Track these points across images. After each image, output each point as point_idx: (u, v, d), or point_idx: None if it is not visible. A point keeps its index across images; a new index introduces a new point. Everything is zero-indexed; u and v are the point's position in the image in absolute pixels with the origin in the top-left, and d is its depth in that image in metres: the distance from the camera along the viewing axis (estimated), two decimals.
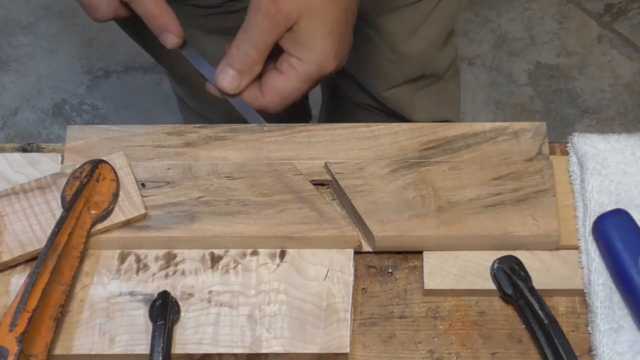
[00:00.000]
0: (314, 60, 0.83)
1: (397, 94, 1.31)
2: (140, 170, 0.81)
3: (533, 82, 2.03)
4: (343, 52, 0.85)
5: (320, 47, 0.83)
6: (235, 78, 0.84)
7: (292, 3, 0.81)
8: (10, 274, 0.78)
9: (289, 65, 0.84)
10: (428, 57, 1.29)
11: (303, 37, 0.82)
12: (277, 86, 0.84)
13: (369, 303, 0.78)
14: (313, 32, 0.82)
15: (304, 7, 0.81)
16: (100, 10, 0.85)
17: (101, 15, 0.85)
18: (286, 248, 0.79)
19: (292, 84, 0.84)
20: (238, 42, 0.83)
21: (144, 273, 0.78)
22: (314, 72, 0.84)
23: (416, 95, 1.33)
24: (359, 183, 0.80)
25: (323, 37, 0.82)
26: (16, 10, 2.16)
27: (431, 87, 1.35)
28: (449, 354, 0.75)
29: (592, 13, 2.11)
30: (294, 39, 0.82)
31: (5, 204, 0.79)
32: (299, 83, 0.84)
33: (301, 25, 0.82)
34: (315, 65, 0.83)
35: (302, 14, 0.81)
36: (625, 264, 0.74)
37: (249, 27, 0.83)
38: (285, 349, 0.74)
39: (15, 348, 0.68)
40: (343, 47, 0.85)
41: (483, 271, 0.77)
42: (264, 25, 0.82)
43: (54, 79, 2.08)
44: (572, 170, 0.81)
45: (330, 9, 0.82)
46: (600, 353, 0.73)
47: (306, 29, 0.82)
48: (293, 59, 0.83)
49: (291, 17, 0.81)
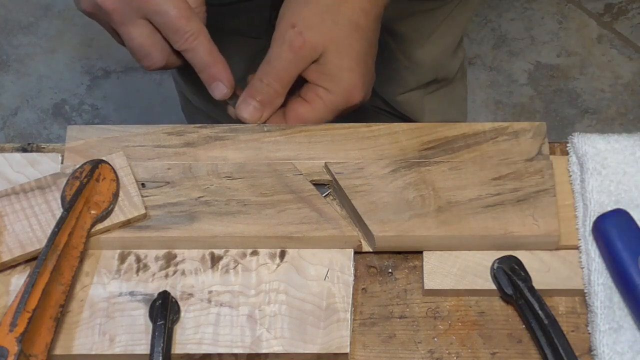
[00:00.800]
0: (342, 91, 0.83)
1: (410, 98, 1.32)
2: (140, 170, 0.81)
3: (533, 82, 2.03)
4: (369, 83, 0.85)
5: (348, 78, 0.82)
6: (258, 110, 0.83)
7: (317, 35, 0.80)
8: (10, 274, 0.78)
9: (315, 95, 0.83)
10: (441, 62, 1.29)
11: (330, 69, 0.82)
12: (302, 114, 0.83)
13: (369, 303, 0.78)
14: (340, 63, 0.82)
15: (329, 39, 0.81)
16: (153, 56, 0.84)
17: (155, 62, 0.84)
18: (286, 248, 0.79)
19: (317, 113, 0.83)
20: (261, 73, 0.83)
21: (144, 273, 0.78)
22: (341, 102, 0.83)
23: (426, 98, 1.33)
24: (359, 183, 0.80)
25: (350, 68, 0.82)
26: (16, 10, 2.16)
27: (441, 90, 1.35)
28: (449, 354, 0.75)
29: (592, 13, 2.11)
30: (321, 70, 0.82)
31: (5, 204, 0.79)
32: (324, 113, 0.83)
33: (327, 57, 0.81)
34: (343, 97, 0.83)
35: (327, 47, 0.81)
36: (625, 264, 0.74)
37: (273, 59, 0.82)
38: (285, 349, 0.74)
39: (15, 348, 0.68)
40: (369, 79, 0.85)
41: (483, 271, 0.77)
42: (289, 58, 0.81)
43: (54, 79, 2.08)
44: (572, 170, 0.81)
45: (355, 41, 0.82)
46: (600, 353, 0.73)
47: (333, 60, 0.82)
48: (320, 89, 0.83)
49: (317, 50, 0.81)
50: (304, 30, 0.80)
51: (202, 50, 0.82)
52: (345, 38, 0.82)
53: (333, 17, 0.81)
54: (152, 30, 0.82)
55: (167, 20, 0.81)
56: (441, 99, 1.37)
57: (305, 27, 0.80)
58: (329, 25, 0.81)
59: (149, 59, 0.84)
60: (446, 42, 1.26)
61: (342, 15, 0.81)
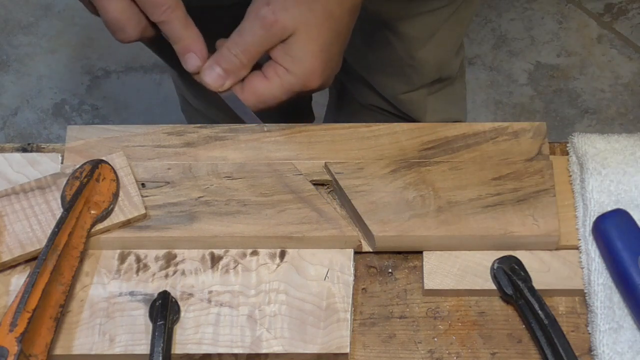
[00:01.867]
0: (301, 74, 0.83)
1: (413, 97, 1.32)
2: (140, 170, 0.81)
3: (533, 82, 2.03)
4: (329, 72, 0.85)
5: (309, 63, 0.83)
6: (221, 77, 0.84)
7: (290, 16, 0.81)
8: (10, 274, 0.78)
9: (274, 72, 0.84)
10: (445, 62, 1.30)
11: (294, 50, 0.83)
12: (258, 89, 0.84)
13: (369, 303, 0.78)
14: (305, 47, 0.83)
15: (301, 22, 0.82)
16: (127, 31, 0.84)
17: (127, 36, 0.84)
18: (286, 248, 0.79)
19: (273, 91, 0.84)
20: (230, 43, 0.84)
21: (144, 273, 0.78)
22: (298, 85, 0.84)
23: (428, 98, 1.34)
24: (359, 183, 0.80)
25: (314, 53, 0.83)
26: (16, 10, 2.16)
27: (444, 89, 1.36)
28: (449, 354, 0.75)
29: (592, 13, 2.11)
30: (285, 50, 0.83)
31: (5, 204, 0.79)
32: (279, 92, 0.84)
33: (295, 39, 0.82)
34: (301, 79, 0.84)
35: (298, 28, 0.82)
36: (625, 264, 0.74)
37: (243, 31, 0.83)
38: (285, 349, 0.74)
39: (15, 348, 0.68)
40: (330, 68, 0.85)
41: (483, 271, 0.77)
42: (259, 33, 0.82)
43: (54, 79, 2.08)
44: (572, 170, 0.81)
45: (325, 28, 0.83)
46: (600, 353, 0.73)
47: (299, 42, 0.82)
48: (280, 68, 0.84)
49: (287, 30, 0.82)
50: (277, 10, 0.81)
51: (177, 23, 0.83)
52: (316, 25, 0.82)
53: (309, 4, 0.82)
54: (129, 3, 0.83)
55: None
56: (443, 98, 1.37)
57: (280, 7, 0.81)
58: (303, 10, 0.82)
59: (123, 33, 0.84)
60: (450, 42, 1.27)
61: (318, 3, 0.82)
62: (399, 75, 1.28)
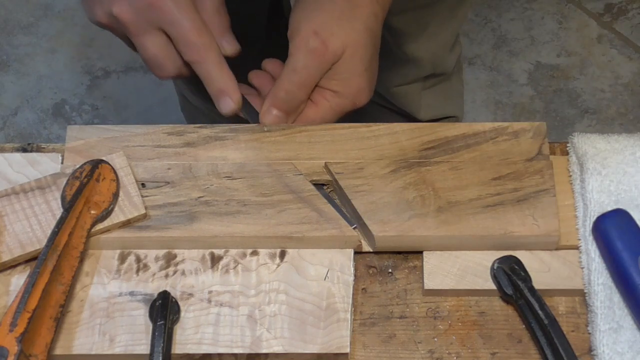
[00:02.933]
0: (350, 94, 0.84)
1: (406, 91, 1.32)
2: (140, 170, 0.81)
3: (533, 82, 2.03)
4: (373, 86, 0.86)
5: (356, 83, 0.83)
6: (281, 117, 0.84)
7: (339, 40, 0.81)
8: (10, 274, 0.78)
9: (322, 97, 0.84)
10: (439, 57, 1.30)
11: (341, 73, 0.83)
12: (309, 116, 0.84)
13: (369, 303, 0.78)
14: (352, 68, 0.83)
15: (348, 44, 0.82)
16: (165, 68, 0.85)
17: (166, 73, 0.85)
18: (286, 248, 0.79)
19: (322, 115, 0.84)
20: (286, 82, 0.83)
21: (144, 273, 0.78)
22: (348, 105, 0.84)
23: (423, 92, 1.34)
24: (359, 183, 0.80)
25: (360, 73, 0.83)
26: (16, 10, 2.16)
27: (439, 85, 1.36)
28: (449, 354, 0.75)
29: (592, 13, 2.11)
30: (330, 74, 0.83)
31: (5, 204, 0.79)
32: (329, 115, 0.84)
33: (342, 61, 0.82)
34: (350, 100, 0.84)
35: (345, 51, 0.82)
36: (625, 264, 0.74)
37: (296, 66, 0.82)
38: (285, 349, 0.74)
39: (15, 348, 0.68)
40: (374, 82, 0.86)
41: (483, 271, 0.77)
42: (314, 65, 0.82)
43: (54, 79, 2.08)
44: (572, 170, 0.81)
45: (369, 46, 0.83)
46: (600, 353, 0.73)
47: (346, 65, 0.83)
48: (327, 92, 0.84)
49: (337, 55, 0.82)
50: (326, 38, 0.81)
51: (210, 64, 0.83)
52: (361, 44, 0.83)
53: (350, 23, 0.82)
54: (166, 41, 0.83)
55: (180, 32, 0.82)
56: (438, 94, 1.37)
57: (328, 34, 0.81)
58: (348, 31, 0.82)
59: (162, 69, 0.85)
60: (443, 37, 1.27)
61: (358, 21, 0.82)
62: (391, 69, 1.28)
